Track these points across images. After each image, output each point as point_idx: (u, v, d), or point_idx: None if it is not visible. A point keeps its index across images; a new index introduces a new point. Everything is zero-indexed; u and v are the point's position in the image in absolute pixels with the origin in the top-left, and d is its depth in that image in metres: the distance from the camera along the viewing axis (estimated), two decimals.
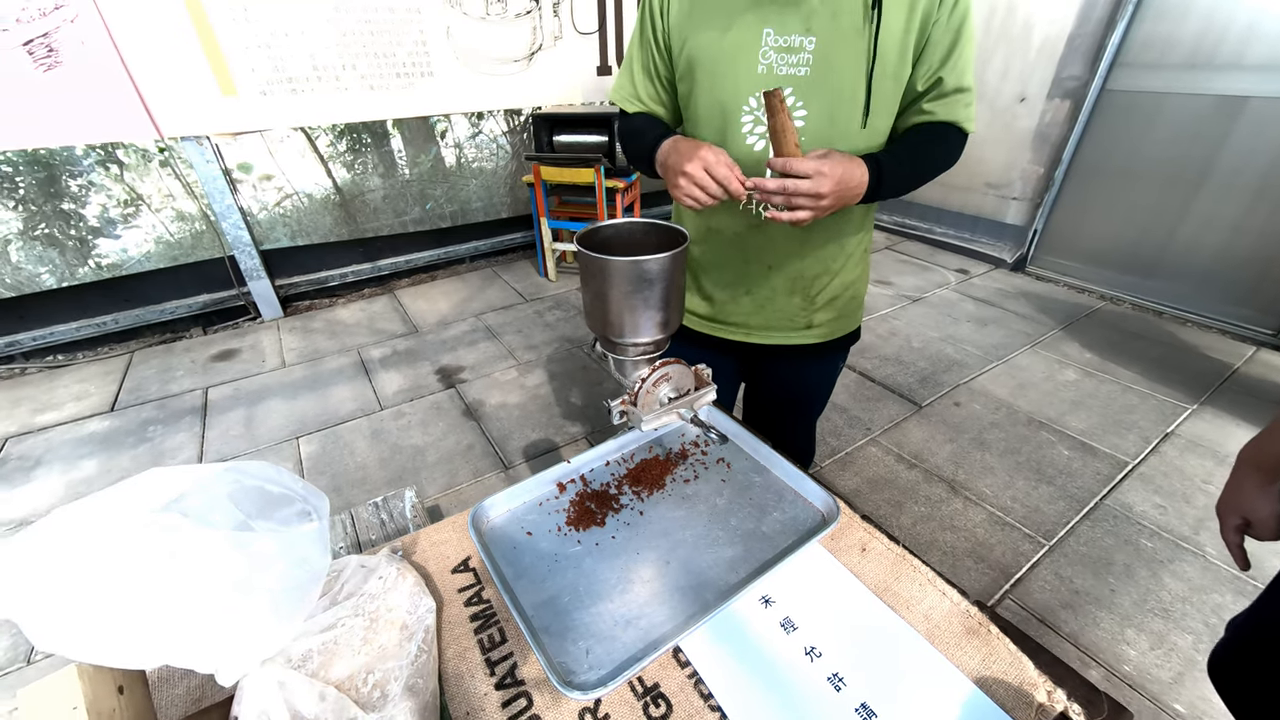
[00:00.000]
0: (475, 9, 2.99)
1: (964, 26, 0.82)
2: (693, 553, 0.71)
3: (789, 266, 0.96)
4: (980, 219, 3.72)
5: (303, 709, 0.47)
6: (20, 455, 2.13)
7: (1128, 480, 1.92)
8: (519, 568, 0.69)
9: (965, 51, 0.83)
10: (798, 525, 0.74)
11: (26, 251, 2.49)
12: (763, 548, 0.71)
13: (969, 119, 0.87)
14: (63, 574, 0.35)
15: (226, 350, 2.84)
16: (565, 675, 0.57)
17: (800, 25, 0.79)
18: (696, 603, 0.64)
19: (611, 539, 0.73)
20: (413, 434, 2.20)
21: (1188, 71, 2.72)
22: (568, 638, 0.61)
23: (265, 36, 2.56)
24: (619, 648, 0.60)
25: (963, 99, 0.86)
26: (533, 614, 0.63)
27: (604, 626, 0.62)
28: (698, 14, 0.85)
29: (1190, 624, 1.46)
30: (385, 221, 3.34)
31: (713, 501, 0.78)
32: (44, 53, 2.18)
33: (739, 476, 0.82)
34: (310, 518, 0.43)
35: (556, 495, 0.80)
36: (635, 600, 0.65)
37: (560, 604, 0.65)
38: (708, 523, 0.75)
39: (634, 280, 0.70)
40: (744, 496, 0.79)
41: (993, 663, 0.58)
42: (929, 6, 0.79)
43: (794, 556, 0.67)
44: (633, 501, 0.79)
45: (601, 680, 0.56)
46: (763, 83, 0.83)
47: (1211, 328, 2.86)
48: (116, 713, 0.39)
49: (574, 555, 0.71)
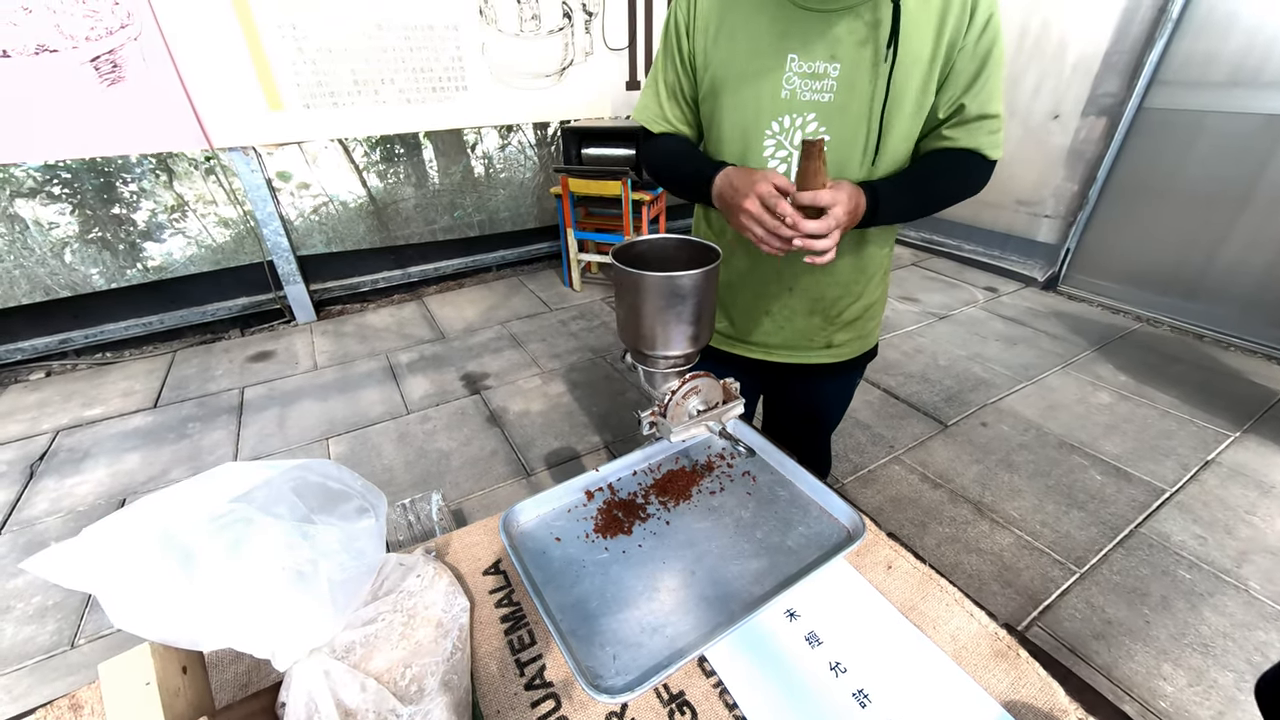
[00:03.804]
0: (510, 26, 3.08)
1: (991, 53, 0.80)
2: (718, 564, 0.71)
3: (809, 288, 0.98)
4: (1011, 236, 3.66)
5: (346, 698, 0.49)
6: (70, 447, 2.23)
7: (1165, 508, 1.86)
8: (548, 572, 0.71)
9: (992, 78, 0.82)
10: (822, 540, 0.74)
11: (81, 253, 2.63)
12: (787, 561, 0.71)
13: (993, 146, 0.86)
14: (142, 557, 0.38)
15: (262, 352, 2.94)
16: (593, 679, 0.58)
17: (825, 52, 0.80)
18: (722, 613, 0.65)
19: (639, 547, 0.74)
20: (438, 438, 2.25)
21: (1230, 89, 2.66)
22: (595, 642, 0.62)
23: (311, 52, 2.68)
24: (645, 654, 0.61)
25: (986, 126, 0.84)
26: (561, 618, 0.65)
27: (630, 633, 0.63)
28: (724, 36, 0.86)
29: (1232, 661, 1.40)
30: (416, 230, 3.44)
31: (738, 514, 0.79)
32: (109, 68, 2.31)
33: (764, 490, 0.83)
34: (368, 513, 0.45)
35: (585, 503, 0.82)
36: (661, 609, 0.66)
37: (588, 609, 0.66)
38: (733, 535, 0.76)
39: (667, 295, 0.71)
40: (769, 510, 0.79)
41: (1022, 687, 0.57)
42: (955, 33, 0.78)
43: (819, 571, 0.67)
44: (659, 511, 0.80)
45: (628, 685, 0.57)
46: (785, 107, 0.84)
47: (1256, 353, 2.76)
48: (181, 691, 0.42)
49: (601, 562, 0.72)
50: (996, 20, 0.79)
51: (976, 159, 0.87)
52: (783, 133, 0.86)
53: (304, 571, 0.39)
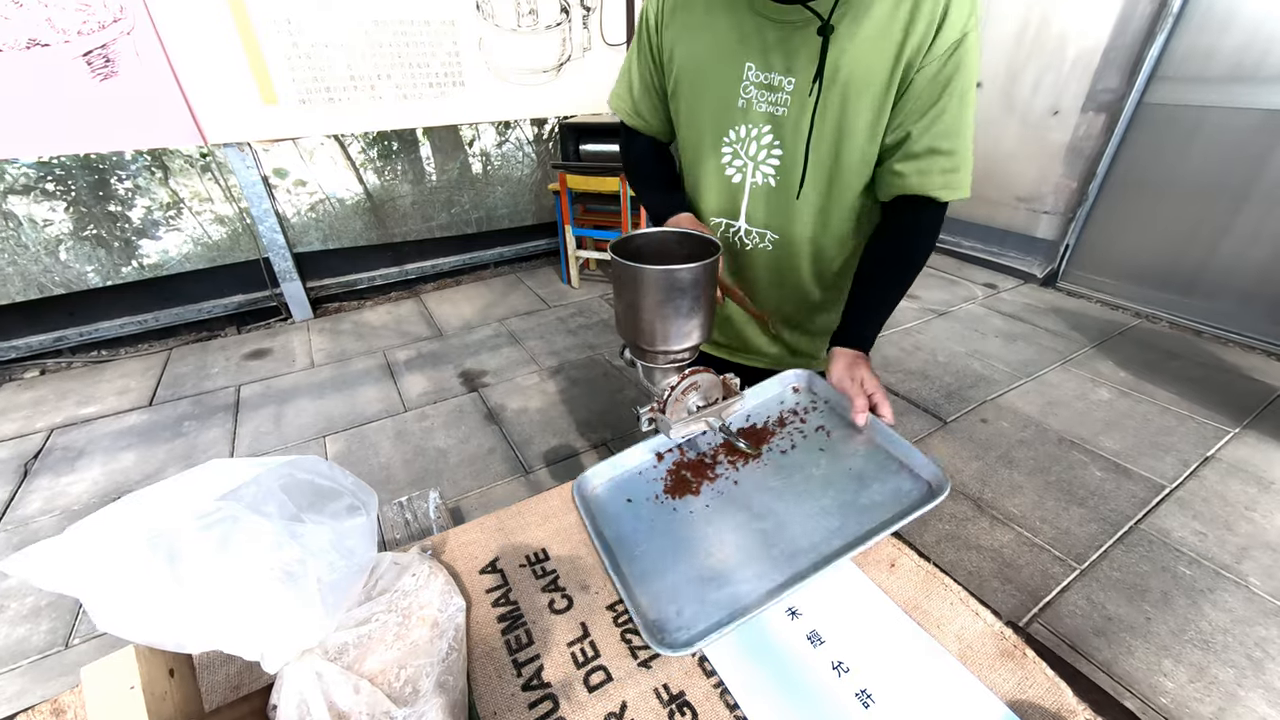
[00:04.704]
0: (507, 21, 3.06)
1: (953, 83, 0.72)
2: (787, 522, 0.70)
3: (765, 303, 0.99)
4: (1010, 233, 3.65)
5: (339, 700, 0.48)
6: (65, 445, 2.22)
7: (1165, 504, 1.86)
8: (617, 532, 0.73)
9: (950, 112, 0.73)
10: (900, 497, 0.69)
11: (76, 251, 2.61)
12: (861, 519, 0.68)
13: (947, 187, 0.77)
14: (125, 557, 0.37)
15: (259, 349, 2.92)
16: (657, 633, 0.60)
17: (782, 64, 0.77)
18: (788, 570, 0.64)
19: (706, 507, 0.75)
20: (436, 436, 2.24)
21: (1230, 85, 2.65)
22: (662, 599, 0.64)
23: (306, 47, 2.65)
24: (711, 609, 0.62)
25: (938, 163, 0.76)
26: (628, 575, 0.67)
27: (696, 590, 0.64)
28: (687, 36, 0.83)
29: (1232, 657, 1.40)
30: (413, 226, 3.42)
31: (809, 471, 0.76)
32: (101, 63, 2.29)
33: (838, 445, 0.78)
34: (358, 512, 0.44)
35: (655, 465, 0.82)
36: (728, 566, 0.66)
37: (655, 567, 0.67)
38: (804, 493, 0.73)
39: (666, 289, 0.70)
40: (843, 466, 0.75)
41: (1028, 687, 0.57)
42: (915, 52, 0.71)
43: (886, 532, 0.65)
44: (728, 471, 0.79)
45: (690, 640, 0.58)
46: (741, 117, 0.82)
47: (1255, 348, 2.76)
48: (168, 695, 0.41)
49: (670, 522, 0.73)
50: (970, 45, 0.70)
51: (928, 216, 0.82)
52: (739, 142, 0.84)
53: (293, 571, 0.38)
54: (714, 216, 0.93)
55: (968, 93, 0.74)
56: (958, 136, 0.75)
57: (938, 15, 0.69)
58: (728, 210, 0.91)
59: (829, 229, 0.88)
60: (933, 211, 0.82)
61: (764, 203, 0.88)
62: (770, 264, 0.93)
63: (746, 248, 0.93)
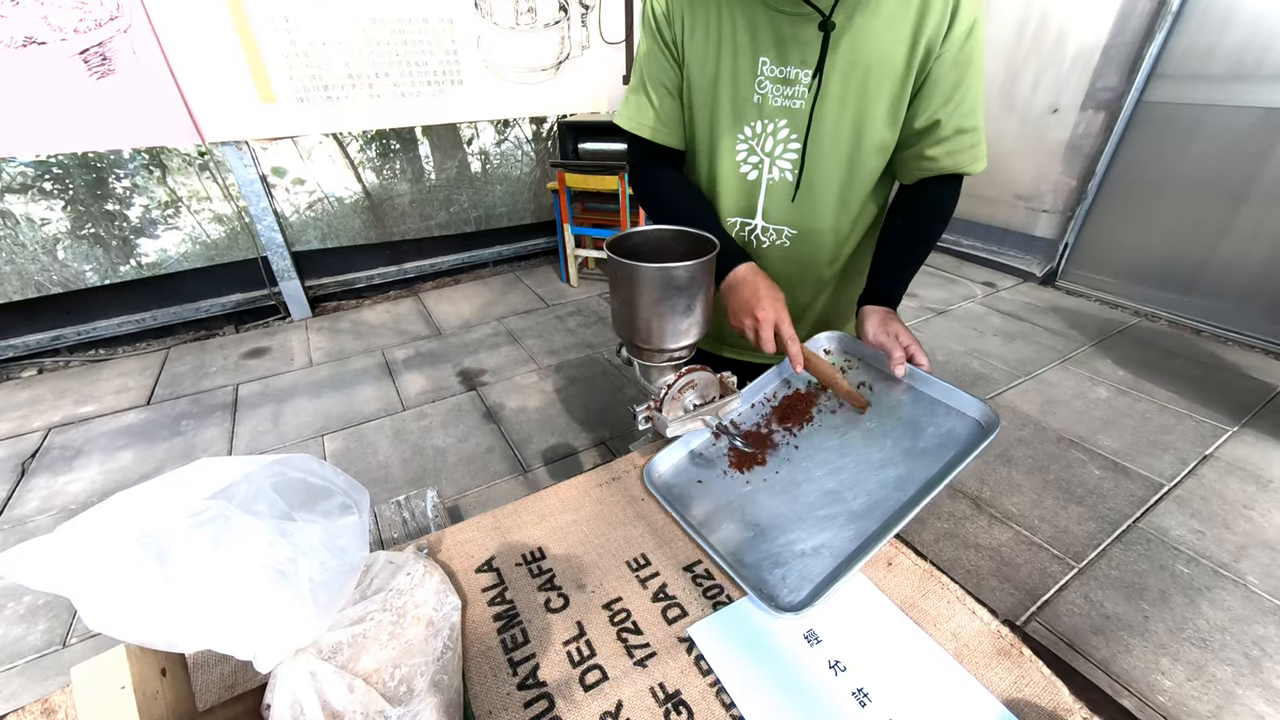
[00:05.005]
0: (506, 19, 3.05)
1: (972, 64, 0.75)
2: (857, 477, 0.72)
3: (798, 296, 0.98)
4: (1009, 231, 3.65)
5: (333, 700, 0.48)
6: (62, 445, 2.21)
7: (1163, 503, 1.86)
8: (700, 513, 0.74)
9: (972, 90, 0.77)
10: (954, 438, 0.72)
11: (74, 250, 2.61)
12: (926, 464, 0.70)
13: (974, 160, 0.82)
14: (116, 556, 0.37)
15: (257, 348, 2.92)
16: (772, 601, 0.61)
17: (798, 57, 0.77)
18: (874, 522, 0.66)
19: (776, 474, 0.76)
20: (434, 435, 2.23)
21: (1230, 83, 2.65)
22: (762, 568, 0.65)
23: (304, 45, 2.65)
24: (815, 569, 0.64)
25: (965, 140, 0.80)
26: (725, 552, 0.67)
27: (792, 555, 0.66)
28: (697, 32, 0.82)
29: (1230, 655, 1.40)
30: (412, 225, 3.41)
31: (863, 426, 0.78)
32: (98, 61, 2.28)
33: (883, 398, 0.81)
34: (350, 510, 0.44)
35: (714, 443, 0.84)
36: (814, 526, 0.68)
37: (746, 539, 0.69)
38: (864, 447, 0.75)
39: (662, 287, 0.70)
40: (894, 416, 0.78)
41: (1025, 686, 0.56)
42: (933, 40, 0.73)
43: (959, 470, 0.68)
44: (786, 438, 0.81)
45: (806, 600, 0.61)
46: (757, 113, 0.82)
47: (1254, 347, 2.76)
48: (160, 694, 0.41)
49: (746, 494, 0.75)
50: (980, 28, 0.74)
51: (951, 187, 0.85)
52: (754, 138, 0.84)
53: (284, 570, 0.38)
54: (730, 216, 0.92)
55: (982, 69, 0.78)
56: (977, 112, 0.80)
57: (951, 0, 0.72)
58: (744, 209, 0.91)
59: (847, 217, 0.89)
60: (957, 181, 0.86)
61: (782, 198, 0.87)
62: (787, 259, 0.92)
63: (763, 245, 0.92)
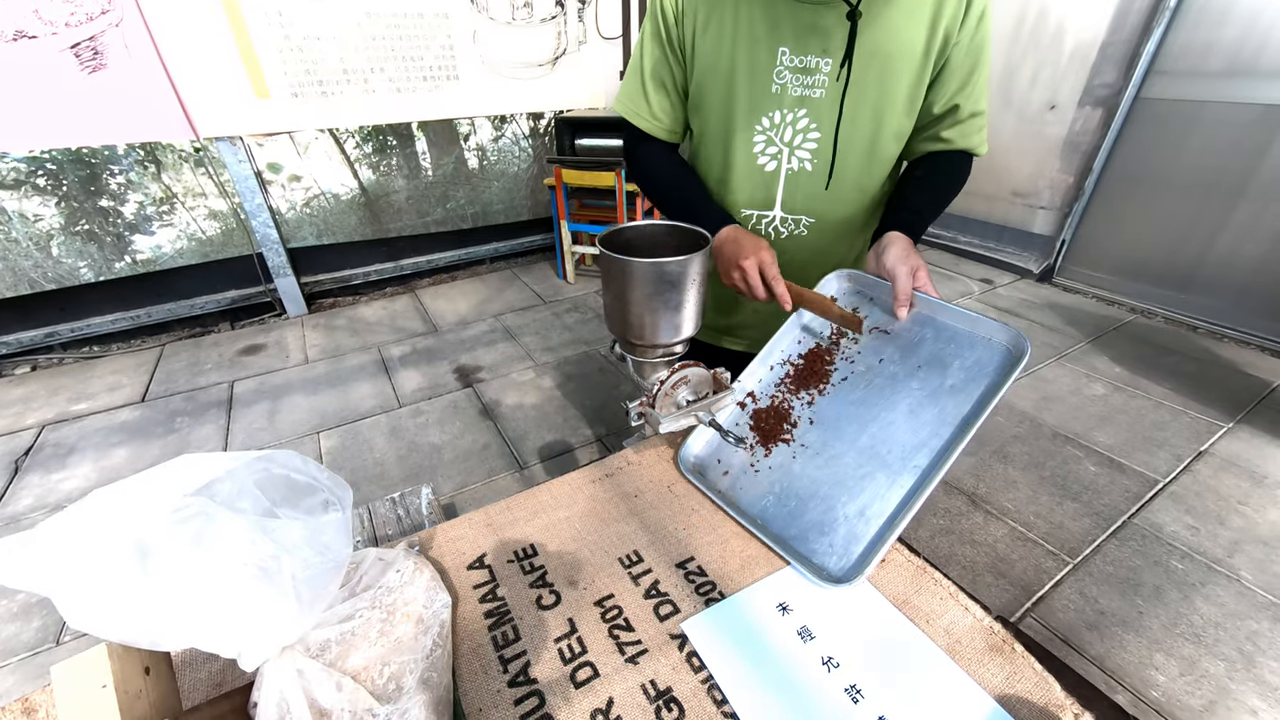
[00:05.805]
0: (502, 14, 3.03)
1: (983, 51, 0.79)
2: (887, 428, 0.70)
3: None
4: (1006, 228, 3.65)
5: (320, 698, 0.47)
6: (56, 442, 2.20)
7: (1158, 499, 1.86)
8: (738, 493, 0.73)
9: (983, 75, 0.81)
10: (984, 367, 0.68)
11: (67, 246, 2.59)
12: (958, 400, 0.67)
13: (983, 143, 0.87)
14: (96, 554, 0.36)
15: (252, 345, 2.91)
16: (822, 573, 0.60)
17: (818, 45, 0.78)
18: (912, 472, 0.65)
19: (803, 445, 0.75)
20: (430, 432, 2.23)
21: (1227, 79, 2.64)
22: (809, 537, 0.64)
23: (298, 40, 2.63)
24: (861, 532, 0.63)
25: (977, 123, 0.84)
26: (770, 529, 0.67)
27: (835, 521, 0.65)
28: (712, 26, 0.82)
29: (1223, 650, 1.40)
30: (408, 222, 3.40)
31: (887, 370, 0.74)
32: (90, 55, 2.26)
33: (902, 336, 0.76)
34: (334, 507, 0.43)
35: (737, 423, 0.82)
36: (853, 487, 0.67)
37: (788, 512, 0.68)
38: (892, 394, 0.72)
39: (655, 282, 0.70)
40: (916, 355, 0.74)
41: (1017, 681, 0.56)
42: (950, 26, 0.76)
43: (996, 400, 0.65)
44: (810, 399, 0.79)
45: (856, 567, 0.60)
46: (775, 103, 0.82)
47: (1249, 344, 2.76)
48: (143, 693, 0.40)
49: (781, 466, 0.74)
50: (989, 13, 0.78)
51: (966, 157, 0.88)
52: (773, 129, 0.84)
53: (267, 568, 0.37)
54: (744, 209, 0.92)
55: (990, 53, 0.81)
56: (985, 96, 0.83)
57: None
58: (761, 200, 0.90)
59: (866, 202, 0.90)
60: (966, 160, 0.88)
61: (801, 188, 0.87)
62: (805, 248, 0.92)
63: (782, 236, 0.92)
